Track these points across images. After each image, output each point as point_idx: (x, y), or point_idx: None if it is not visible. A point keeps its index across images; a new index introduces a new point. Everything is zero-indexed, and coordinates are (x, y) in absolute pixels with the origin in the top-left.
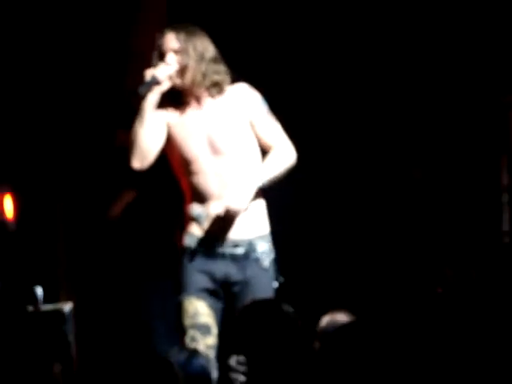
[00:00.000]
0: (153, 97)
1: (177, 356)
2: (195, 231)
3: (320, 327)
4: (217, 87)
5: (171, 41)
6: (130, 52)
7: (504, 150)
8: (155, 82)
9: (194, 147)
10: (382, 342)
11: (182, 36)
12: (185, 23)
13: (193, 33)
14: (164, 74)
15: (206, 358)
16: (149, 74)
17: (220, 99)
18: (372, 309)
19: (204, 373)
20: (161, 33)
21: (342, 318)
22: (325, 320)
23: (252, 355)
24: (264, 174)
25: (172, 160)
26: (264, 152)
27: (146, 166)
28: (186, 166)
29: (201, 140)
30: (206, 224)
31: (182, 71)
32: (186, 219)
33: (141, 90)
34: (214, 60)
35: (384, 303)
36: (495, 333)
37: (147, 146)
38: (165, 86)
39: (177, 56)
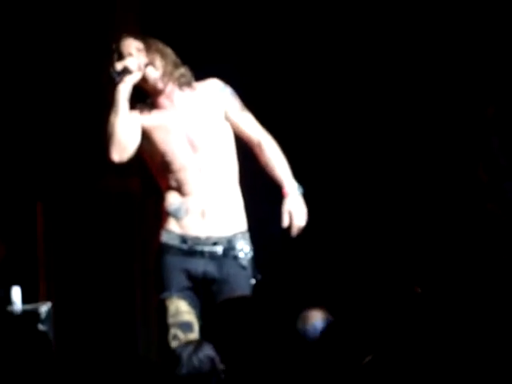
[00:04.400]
0: (125, 87)
1: (183, 348)
2: (173, 228)
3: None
4: (185, 78)
5: (131, 42)
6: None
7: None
8: (127, 71)
9: (173, 147)
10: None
11: (140, 38)
12: None
13: (147, 38)
14: (134, 64)
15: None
16: (119, 65)
17: (192, 95)
18: (350, 307)
19: (212, 363)
20: (115, 40)
21: (317, 315)
22: (302, 317)
23: (227, 352)
24: (289, 173)
25: (151, 163)
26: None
27: (126, 159)
28: (166, 165)
29: (180, 139)
30: (185, 219)
31: (150, 63)
32: (163, 216)
33: (113, 76)
34: (175, 55)
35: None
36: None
37: (125, 137)
38: (136, 76)
39: (140, 53)
